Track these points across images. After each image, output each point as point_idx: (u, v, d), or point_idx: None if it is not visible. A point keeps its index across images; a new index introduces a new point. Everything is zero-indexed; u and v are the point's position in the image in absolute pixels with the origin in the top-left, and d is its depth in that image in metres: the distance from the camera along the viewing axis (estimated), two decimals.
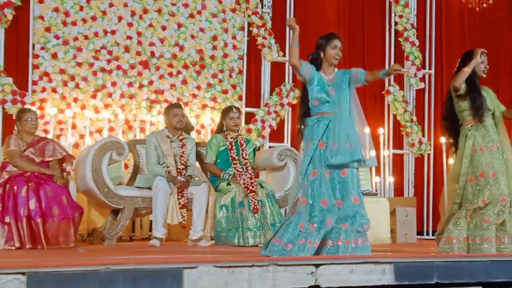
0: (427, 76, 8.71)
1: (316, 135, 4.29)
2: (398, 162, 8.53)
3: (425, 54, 8.72)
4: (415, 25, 8.62)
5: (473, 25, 9.11)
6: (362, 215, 4.28)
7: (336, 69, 4.46)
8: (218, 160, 6.14)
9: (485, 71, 4.79)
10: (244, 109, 7.70)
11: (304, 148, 4.38)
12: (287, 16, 8.08)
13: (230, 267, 3.42)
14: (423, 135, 8.53)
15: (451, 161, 8.19)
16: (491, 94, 4.85)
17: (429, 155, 8.57)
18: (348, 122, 4.33)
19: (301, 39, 4.21)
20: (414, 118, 8.47)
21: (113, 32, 7.28)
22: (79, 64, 7.11)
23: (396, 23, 8.54)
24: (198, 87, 7.61)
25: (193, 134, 6.91)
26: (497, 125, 4.78)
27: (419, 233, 7.96)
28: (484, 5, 8.56)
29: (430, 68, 8.74)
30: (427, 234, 8.35)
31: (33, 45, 6.96)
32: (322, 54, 4.40)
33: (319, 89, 4.33)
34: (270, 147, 7.60)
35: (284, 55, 7.98)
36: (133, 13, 7.39)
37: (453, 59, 8.96)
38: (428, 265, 3.90)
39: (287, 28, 8.07)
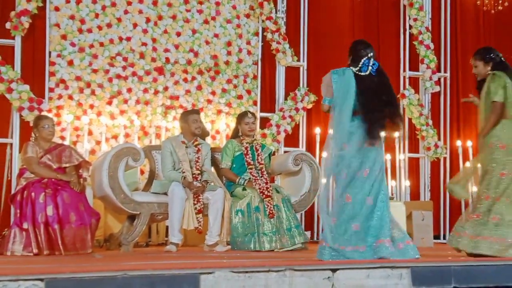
0: (442, 79, 8.67)
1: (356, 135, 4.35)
2: (414, 166, 8.49)
3: (440, 57, 8.68)
4: (430, 28, 8.58)
5: (489, 28, 9.04)
6: None
7: None
8: (234, 165, 6.16)
9: None
10: (259, 114, 7.71)
11: (348, 145, 4.33)
12: (301, 21, 8.09)
13: (246, 272, 3.42)
14: (439, 139, 8.48)
15: (468, 164, 8.21)
16: None
17: (445, 158, 8.52)
18: None
19: (315, 43, 4.26)
20: (430, 122, 8.43)
21: (128, 39, 7.32)
22: (95, 71, 7.16)
23: (410, 27, 8.50)
24: (213, 93, 7.63)
25: (208, 139, 6.93)
26: None
27: (436, 237, 7.92)
28: (499, 7, 8.52)
29: (445, 71, 8.69)
30: (444, 238, 8.29)
31: (50, 52, 7.02)
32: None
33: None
34: (285, 151, 7.60)
35: (298, 60, 7.98)
36: (148, 20, 7.43)
37: (469, 62, 8.92)
38: (446, 269, 3.88)
39: (301, 33, 8.09)
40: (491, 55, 4.96)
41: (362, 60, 4.42)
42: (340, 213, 4.27)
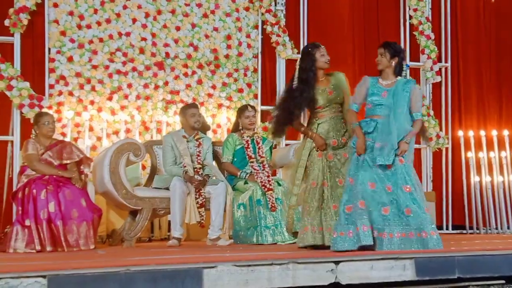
0: (443, 70, 8.63)
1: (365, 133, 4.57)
2: (416, 157, 8.43)
3: (441, 47, 8.63)
4: (430, 18, 8.54)
5: (489, 17, 8.99)
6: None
7: (398, 78, 4.64)
8: (235, 159, 6.15)
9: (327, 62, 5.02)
10: (259, 107, 7.68)
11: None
12: (301, 13, 8.06)
13: (249, 265, 3.41)
14: (441, 129, 8.46)
15: (470, 154, 8.19)
16: (339, 83, 4.95)
17: (447, 149, 8.50)
18: (397, 127, 4.51)
19: (315, 35, 4.31)
20: (431, 112, 8.40)
21: (127, 34, 7.29)
22: (94, 67, 7.13)
23: (411, 17, 8.47)
24: (214, 87, 7.61)
25: (210, 133, 6.91)
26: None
27: (439, 227, 7.87)
28: None
29: (446, 61, 8.65)
30: (447, 229, 8.29)
31: (49, 49, 7.00)
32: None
33: (372, 93, 4.61)
34: (286, 144, 7.57)
35: (298, 52, 7.95)
36: (147, 15, 7.40)
37: (469, 51, 8.90)
38: (450, 259, 3.87)
39: (301, 25, 8.06)
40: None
41: None
42: None
